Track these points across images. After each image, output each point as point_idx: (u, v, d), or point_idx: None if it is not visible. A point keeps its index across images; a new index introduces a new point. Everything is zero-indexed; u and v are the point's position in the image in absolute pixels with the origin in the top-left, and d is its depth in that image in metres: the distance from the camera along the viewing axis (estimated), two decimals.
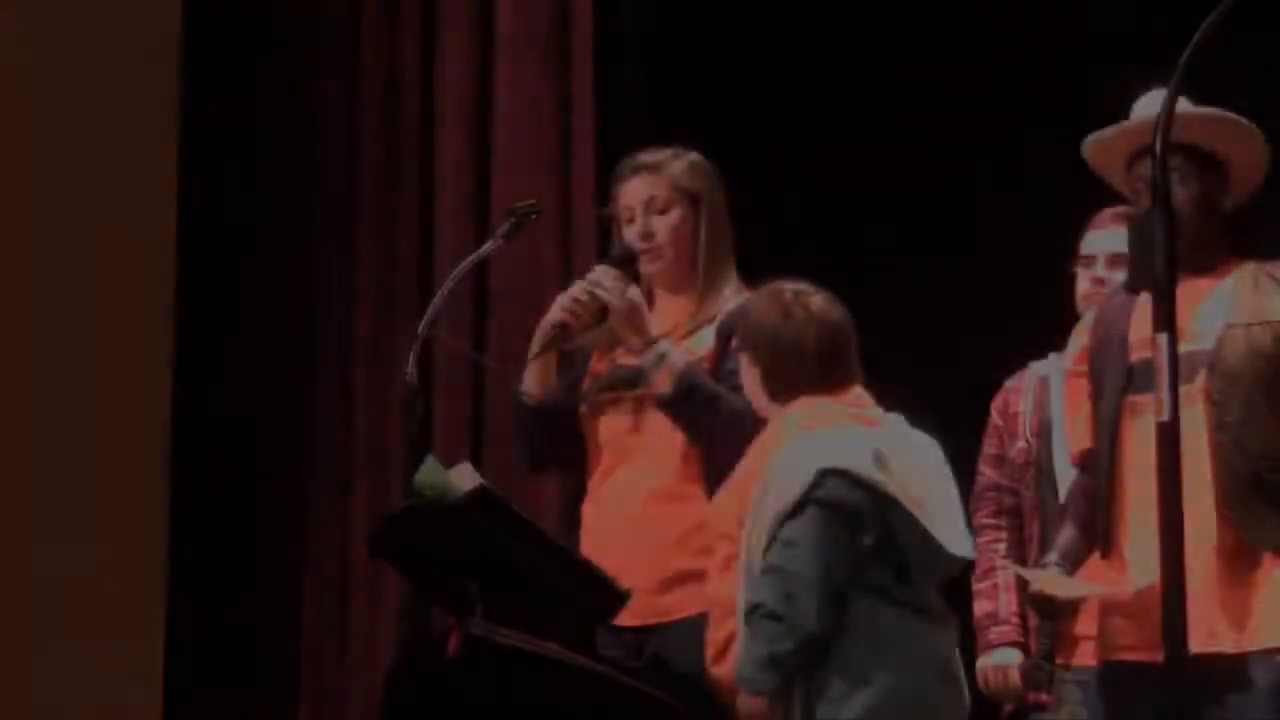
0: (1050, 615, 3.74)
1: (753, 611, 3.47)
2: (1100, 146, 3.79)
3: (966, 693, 3.65)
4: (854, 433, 3.59)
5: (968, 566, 3.93)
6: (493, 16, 5.44)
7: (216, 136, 6.37)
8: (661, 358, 3.83)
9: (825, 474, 3.49)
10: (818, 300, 3.71)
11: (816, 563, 3.44)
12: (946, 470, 3.71)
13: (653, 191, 4.00)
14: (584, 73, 5.34)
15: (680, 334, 3.98)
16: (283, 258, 6.13)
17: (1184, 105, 3.69)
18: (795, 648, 3.44)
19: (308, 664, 5.77)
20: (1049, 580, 3.68)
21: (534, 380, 4.02)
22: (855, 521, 3.49)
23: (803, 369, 3.68)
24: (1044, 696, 4.26)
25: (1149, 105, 3.75)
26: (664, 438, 3.89)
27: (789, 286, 3.74)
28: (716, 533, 3.68)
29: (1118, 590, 3.64)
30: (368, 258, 5.72)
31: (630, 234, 4.01)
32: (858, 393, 3.70)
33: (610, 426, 3.97)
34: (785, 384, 3.69)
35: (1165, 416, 2.60)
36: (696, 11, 5.77)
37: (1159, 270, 2.64)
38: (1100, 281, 4.30)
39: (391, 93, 5.73)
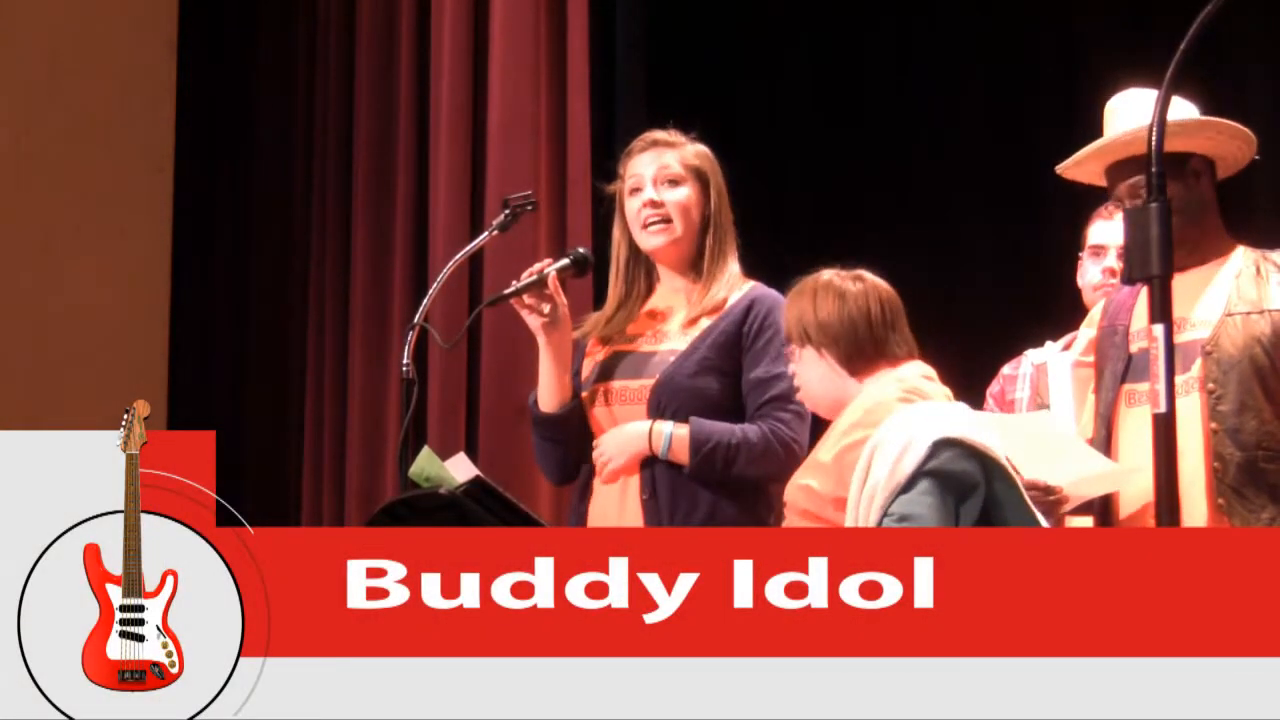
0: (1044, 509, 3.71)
1: None
2: (1076, 169, 3.83)
3: None
4: (953, 405, 3.57)
5: None
6: (487, 5, 5.44)
7: (213, 131, 6.38)
8: (669, 438, 3.85)
9: (940, 445, 3.44)
10: (868, 275, 3.70)
11: None
12: None
13: (666, 163, 4.00)
14: (579, 63, 5.34)
15: (685, 322, 3.97)
16: (276, 250, 6.14)
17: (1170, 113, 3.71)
18: None
19: None
20: (1050, 455, 3.65)
21: (545, 392, 4.01)
22: (965, 493, 3.44)
23: (874, 339, 3.64)
24: None
25: (1121, 108, 3.77)
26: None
27: (831, 271, 3.71)
28: (797, 512, 3.61)
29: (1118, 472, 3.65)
30: (363, 250, 5.72)
31: (636, 205, 4.01)
32: (925, 367, 3.68)
33: (604, 418, 3.97)
34: (862, 358, 3.65)
35: (1161, 408, 2.59)
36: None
37: (1155, 263, 2.63)
38: (1112, 272, 4.30)
39: (386, 87, 5.73)
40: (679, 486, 3.87)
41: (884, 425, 3.51)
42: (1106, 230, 4.34)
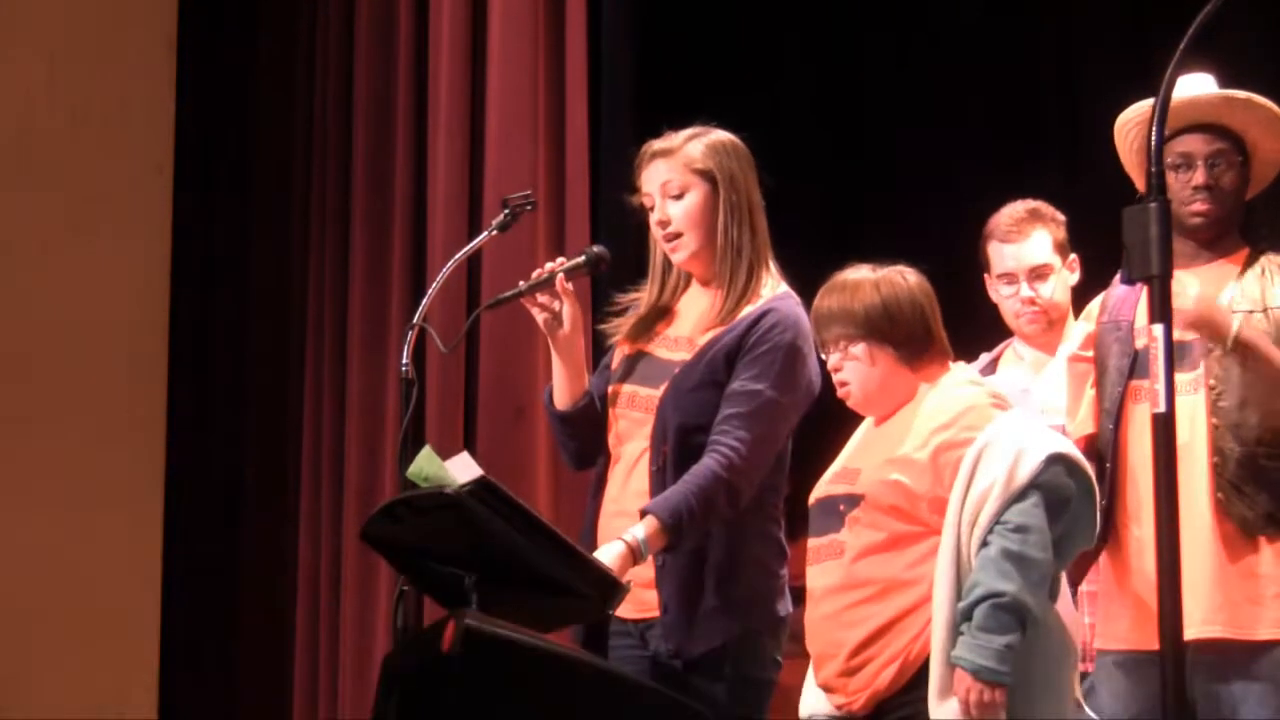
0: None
1: (993, 598, 3.36)
2: (1133, 119, 3.81)
3: None
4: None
5: None
6: (486, 5, 5.44)
7: (213, 131, 6.38)
8: (645, 542, 3.62)
9: (1053, 459, 3.44)
10: (907, 272, 3.65)
11: (1049, 550, 3.40)
12: None
13: (668, 176, 3.85)
14: (578, 63, 5.33)
15: (709, 327, 3.83)
16: (276, 251, 6.14)
17: (1213, 87, 3.74)
18: (1022, 636, 3.36)
19: (301, 657, 5.77)
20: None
21: (557, 390, 3.97)
22: (1063, 508, 3.46)
23: (930, 335, 3.62)
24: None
25: (1189, 87, 3.76)
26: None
27: (863, 268, 3.65)
28: (882, 509, 3.54)
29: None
30: (361, 251, 5.72)
31: (653, 222, 3.88)
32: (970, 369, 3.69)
33: (621, 420, 3.93)
34: (927, 354, 3.62)
35: (1161, 407, 2.58)
36: None
37: (1155, 263, 2.62)
38: (1030, 301, 4.24)
39: (384, 85, 5.73)
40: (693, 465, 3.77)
41: (989, 430, 3.49)
42: (1009, 254, 4.26)
